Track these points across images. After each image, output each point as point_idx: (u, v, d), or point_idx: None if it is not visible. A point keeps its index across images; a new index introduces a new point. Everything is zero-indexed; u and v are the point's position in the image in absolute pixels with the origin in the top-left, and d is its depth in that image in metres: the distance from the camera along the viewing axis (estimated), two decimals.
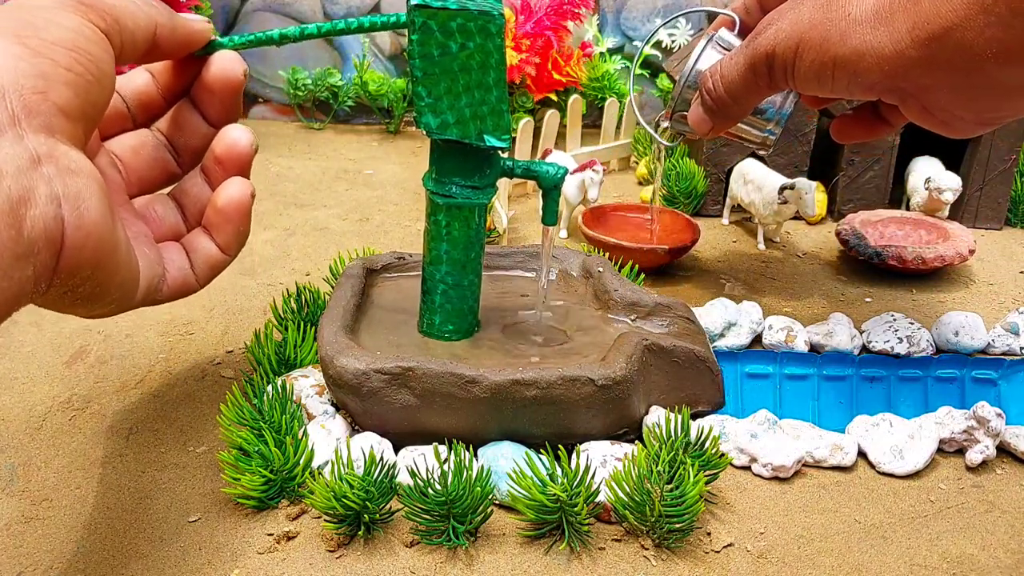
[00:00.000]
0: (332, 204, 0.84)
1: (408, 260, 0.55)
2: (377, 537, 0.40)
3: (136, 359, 0.55)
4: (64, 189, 0.32)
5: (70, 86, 0.33)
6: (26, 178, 0.30)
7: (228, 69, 0.44)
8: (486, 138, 0.42)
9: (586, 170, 0.72)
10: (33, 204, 0.30)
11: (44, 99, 0.32)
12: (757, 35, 0.45)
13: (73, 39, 0.34)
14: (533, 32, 1.00)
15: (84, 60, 0.34)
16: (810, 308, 0.64)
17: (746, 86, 0.47)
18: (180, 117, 0.45)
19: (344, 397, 0.44)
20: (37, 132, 0.31)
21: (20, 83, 0.31)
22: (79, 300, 0.35)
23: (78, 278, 0.34)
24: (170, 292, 0.42)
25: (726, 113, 0.49)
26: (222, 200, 0.42)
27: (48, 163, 0.31)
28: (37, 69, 0.32)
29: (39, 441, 0.47)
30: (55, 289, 0.33)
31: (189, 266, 0.43)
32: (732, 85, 0.47)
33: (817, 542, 0.41)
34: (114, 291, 0.37)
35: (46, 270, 0.32)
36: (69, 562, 0.39)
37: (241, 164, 0.43)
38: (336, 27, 0.42)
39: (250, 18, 1.12)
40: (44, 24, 0.33)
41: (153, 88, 0.45)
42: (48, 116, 0.32)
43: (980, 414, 0.46)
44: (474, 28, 0.39)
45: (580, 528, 0.40)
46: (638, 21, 1.14)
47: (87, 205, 0.33)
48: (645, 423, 0.46)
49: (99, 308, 0.38)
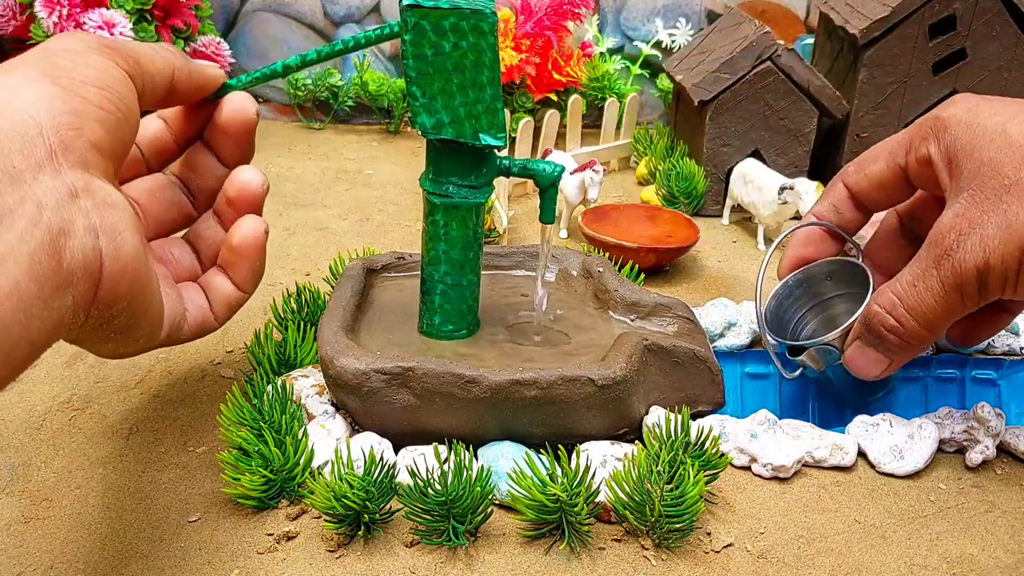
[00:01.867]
0: (332, 204, 0.84)
1: (408, 260, 0.55)
2: (377, 537, 0.40)
3: (136, 359, 0.55)
4: (101, 221, 0.33)
5: (101, 123, 0.34)
6: (65, 211, 0.31)
7: (241, 110, 0.44)
8: (481, 137, 0.42)
9: (586, 170, 0.72)
10: (72, 235, 0.31)
11: (79, 135, 0.33)
12: (950, 251, 0.39)
13: (102, 78, 0.35)
14: (533, 32, 1.00)
15: (113, 98, 0.35)
16: None
17: (949, 311, 0.40)
18: (194, 160, 0.46)
19: (344, 397, 0.44)
20: (73, 167, 0.32)
21: (56, 120, 0.32)
22: (113, 333, 0.36)
23: (115, 309, 0.35)
24: (190, 331, 0.43)
25: (919, 345, 0.43)
26: (237, 239, 0.43)
27: (85, 197, 0.32)
28: (70, 107, 0.33)
29: (39, 441, 0.47)
30: (92, 320, 0.34)
31: (208, 305, 0.44)
32: (930, 314, 0.41)
33: (817, 542, 0.41)
34: (145, 326, 0.38)
35: (85, 301, 0.33)
36: (69, 562, 0.39)
37: (253, 205, 0.44)
38: (335, 48, 0.43)
39: (250, 18, 1.12)
40: (74, 65, 0.34)
41: (166, 134, 0.46)
42: (83, 152, 0.33)
43: (980, 414, 0.46)
44: (467, 27, 0.39)
45: (580, 528, 0.40)
46: (638, 21, 1.14)
47: (123, 237, 0.34)
48: (645, 423, 0.46)
49: (129, 343, 0.39)
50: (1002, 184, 0.37)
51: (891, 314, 0.42)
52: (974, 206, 0.38)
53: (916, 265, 0.41)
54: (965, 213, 0.38)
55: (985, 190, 0.38)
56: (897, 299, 0.41)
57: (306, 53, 0.44)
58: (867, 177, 0.46)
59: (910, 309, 0.41)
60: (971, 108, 0.41)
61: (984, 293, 0.39)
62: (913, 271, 0.41)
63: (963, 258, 0.38)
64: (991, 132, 0.39)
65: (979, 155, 0.39)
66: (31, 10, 0.85)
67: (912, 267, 0.41)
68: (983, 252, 0.37)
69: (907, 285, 0.41)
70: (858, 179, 0.47)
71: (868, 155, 0.46)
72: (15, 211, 0.29)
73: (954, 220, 0.38)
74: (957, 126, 0.41)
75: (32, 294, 0.29)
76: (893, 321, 0.42)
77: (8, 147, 0.30)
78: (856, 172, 0.47)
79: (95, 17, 0.83)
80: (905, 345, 0.42)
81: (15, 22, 0.89)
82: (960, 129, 0.40)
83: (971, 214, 0.38)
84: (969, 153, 0.39)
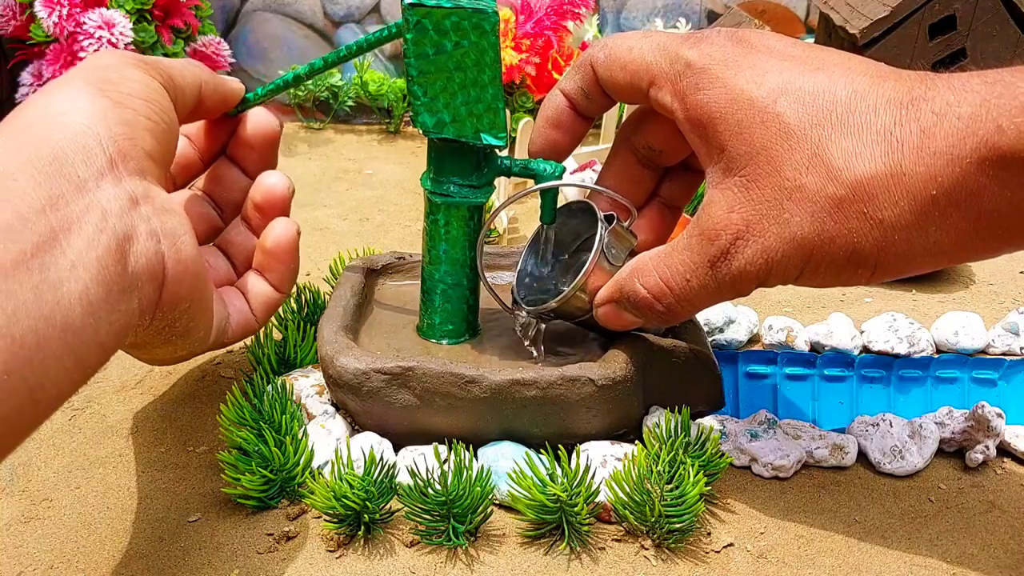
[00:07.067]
0: (332, 204, 0.84)
1: (408, 260, 0.55)
2: (377, 537, 0.40)
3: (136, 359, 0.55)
4: (161, 226, 0.34)
5: (151, 133, 0.36)
6: (128, 217, 0.32)
7: (265, 123, 0.47)
8: (482, 136, 0.42)
9: (586, 170, 0.73)
10: (136, 240, 0.33)
11: (134, 145, 0.34)
12: (727, 254, 0.35)
13: (145, 91, 0.36)
14: (533, 32, 1.00)
15: (157, 109, 0.37)
16: (810, 308, 0.64)
17: (718, 300, 0.38)
18: (220, 174, 0.47)
19: (344, 397, 0.44)
20: (132, 175, 0.34)
21: (112, 131, 0.33)
22: (175, 336, 0.38)
23: (178, 311, 0.36)
24: (235, 334, 0.44)
25: (676, 318, 0.41)
26: (271, 242, 0.44)
27: (145, 203, 0.34)
28: (123, 118, 0.34)
29: (39, 441, 0.47)
30: (157, 322, 0.36)
31: (248, 308, 0.45)
32: (700, 304, 0.39)
33: (817, 542, 0.41)
34: (202, 327, 0.39)
35: (150, 303, 0.34)
36: (69, 562, 0.39)
37: (281, 208, 0.45)
38: (340, 55, 0.43)
39: (250, 18, 1.12)
40: (119, 78, 0.36)
41: (190, 150, 0.47)
42: (139, 160, 0.34)
43: (980, 414, 0.46)
44: (468, 26, 0.40)
45: (580, 528, 0.39)
46: (638, 21, 1.14)
47: (183, 241, 0.35)
48: (645, 423, 0.46)
49: (187, 345, 0.40)
50: (782, 187, 0.33)
51: (660, 301, 0.39)
52: (749, 206, 0.34)
53: (687, 255, 0.37)
54: (740, 211, 0.35)
55: (762, 187, 0.34)
56: (667, 288, 0.38)
57: (313, 62, 0.45)
58: (613, 78, 0.40)
59: (680, 299, 0.38)
60: (726, 60, 0.35)
61: (751, 289, 0.37)
62: (684, 262, 0.37)
63: (742, 266, 0.35)
64: (760, 108, 0.34)
65: (747, 136, 0.34)
66: (31, 10, 0.85)
67: (682, 256, 0.38)
68: (765, 262, 0.35)
69: (678, 277, 0.38)
70: (606, 74, 0.41)
71: (621, 46, 0.40)
72: (82, 219, 0.30)
73: (728, 217, 0.35)
74: (712, 85, 0.35)
75: (100, 298, 0.30)
76: (661, 308, 0.39)
77: (71, 158, 0.31)
78: (607, 64, 0.40)
79: (95, 17, 0.83)
80: (669, 320, 0.41)
81: (15, 22, 0.89)
82: (717, 91, 0.35)
83: (748, 215, 0.34)
84: (732, 128, 0.35)
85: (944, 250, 0.32)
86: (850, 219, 0.33)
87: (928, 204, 0.31)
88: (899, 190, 0.32)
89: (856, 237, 0.33)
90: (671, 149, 0.43)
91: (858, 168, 0.32)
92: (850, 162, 0.32)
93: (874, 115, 0.32)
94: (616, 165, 0.46)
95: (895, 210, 0.32)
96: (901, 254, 0.33)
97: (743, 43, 0.36)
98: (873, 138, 0.32)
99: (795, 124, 0.33)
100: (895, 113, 0.32)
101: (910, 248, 0.33)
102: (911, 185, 0.31)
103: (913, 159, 0.31)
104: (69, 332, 0.29)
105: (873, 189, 0.32)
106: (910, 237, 0.32)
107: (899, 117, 0.32)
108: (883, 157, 0.32)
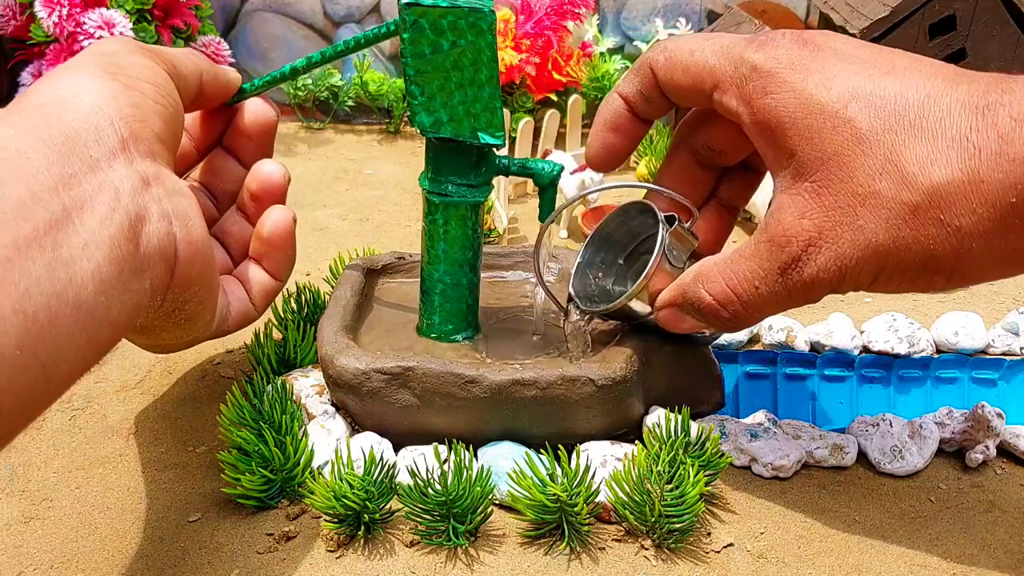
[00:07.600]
0: (332, 204, 0.84)
1: (408, 260, 0.55)
2: (377, 537, 0.40)
3: (136, 359, 0.55)
4: (173, 208, 0.34)
5: (159, 116, 0.36)
6: (140, 197, 0.33)
7: (262, 113, 0.46)
8: (480, 135, 0.42)
9: (586, 170, 0.72)
10: (148, 221, 0.33)
11: (145, 127, 0.35)
12: (798, 262, 0.35)
13: (153, 76, 0.37)
14: (533, 32, 1.00)
15: (165, 94, 0.37)
16: (810, 308, 0.64)
17: (779, 307, 0.38)
18: (216, 164, 0.48)
19: (344, 397, 0.44)
20: (143, 157, 0.34)
21: (123, 112, 0.34)
22: (183, 319, 0.38)
23: (188, 292, 0.36)
24: (235, 322, 0.44)
25: (742, 325, 0.40)
26: (267, 230, 0.44)
27: (156, 184, 0.34)
28: (133, 100, 0.35)
29: (39, 441, 0.47)
30: (168, 304, 0.36)
31: (247, 296, 0.45)
32: (768, 311, 0.38)
33: (817, 542, 0.41)
34: (209, 312, 0.40)
35: (162, 284, 0.34)
36: (69, 562, 0.39)
37: (277, 196, 0.45)
38: (337, 49, 0.44)
39: (250, 18, 1.12)
40: (127, 64, 0.36)
41: (187, 141, 0.47)
42: (150, 143, 0.35)
43: (980, 414, 0.46)
44: (465, 25, 0.40)
45: (580, 528, 0.39)
46: (638, 21, 1.14)
47: (194, 223, 0.36)
48: (645, 423, 0.46)
49: (193, 330, 0.40)
50: (855, 192, 0.33)
51: (726, 308, 0.38)
52: (821, 212, 0.34)
53: (755, 262, 0.37)
54: (812, 217, 0.34)
55: (834, 193, 0.34)
56: (734, 296, 0.38)
57: (311, 56, 0.45)
58: (674, 81, 0.40)
59: (747, 305, 0.38)
60: (794, 63, 0.35)
61: (821, 296, 0.36)
62: (752, 269, 0.37)
63: (815, 273, 0.35)
64: (830, 113, 0.33)
65: (818, 141, 0.34)
66: (31, 10, 0.85)
67: (750, 262, 0.37)
68: (839, 269, 0.34)
69: (746, 283, 0.37)
70: (667, 77, 0.40)
71: (682, 49, 0.39)
72: (94, 198, 0.31)
73: (799, 223, 0.34)
74: (780, 90, 0.35)
75: (112, 277, 0.31)
76: (727, 314, 0.39)
77: (84, 138, 0.32)
78: (667, 67, 0.40)
79: (95, 17, 0.83)
80: (734, 327, 0.40)
81: (15, 22, 0.89)
82: (786, 95, 0.35)
83: (820, 221, 0.34)
84: (802, 133, 0.34)
85: (1019, 258, 0.32)
86: (926, 226, 0.32)
87: (1007, 211, 0.31)
88: (977, 197, 0.31)
89: (932, 244, 0.32)
90: (731, 149, 0.43)
91: (933, 174, 0.31)
92: (925, 168, 0.32)
93: (949, 120, 0.32)
94: (674, 166, 0.45)
95: (972, 217, 0.31)
96: (979, 261, 0.32)
97: (810, 45, 0.36)
98: (948, 144, 0.31)
99: (867, 129, 0.33)
100: (971, 118, 0.31)
101: (989, 255, 0.32)
102: (989, 192, 0.31)
103: (991, 165, 0.31)
104: (81, 310, 0.29)
105: (949, 196, 0.31)
106: (989, 244, 0.31)
107: (975, 122, 0.31)
108: (959, 163, 0.31)
